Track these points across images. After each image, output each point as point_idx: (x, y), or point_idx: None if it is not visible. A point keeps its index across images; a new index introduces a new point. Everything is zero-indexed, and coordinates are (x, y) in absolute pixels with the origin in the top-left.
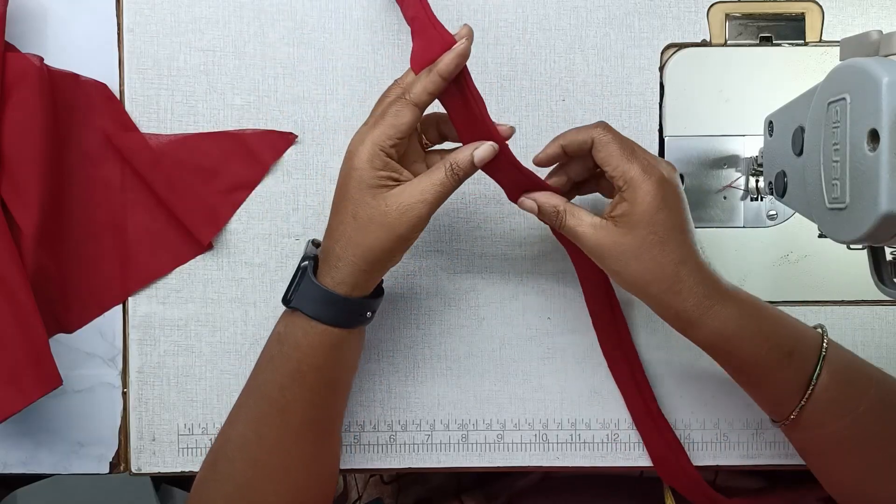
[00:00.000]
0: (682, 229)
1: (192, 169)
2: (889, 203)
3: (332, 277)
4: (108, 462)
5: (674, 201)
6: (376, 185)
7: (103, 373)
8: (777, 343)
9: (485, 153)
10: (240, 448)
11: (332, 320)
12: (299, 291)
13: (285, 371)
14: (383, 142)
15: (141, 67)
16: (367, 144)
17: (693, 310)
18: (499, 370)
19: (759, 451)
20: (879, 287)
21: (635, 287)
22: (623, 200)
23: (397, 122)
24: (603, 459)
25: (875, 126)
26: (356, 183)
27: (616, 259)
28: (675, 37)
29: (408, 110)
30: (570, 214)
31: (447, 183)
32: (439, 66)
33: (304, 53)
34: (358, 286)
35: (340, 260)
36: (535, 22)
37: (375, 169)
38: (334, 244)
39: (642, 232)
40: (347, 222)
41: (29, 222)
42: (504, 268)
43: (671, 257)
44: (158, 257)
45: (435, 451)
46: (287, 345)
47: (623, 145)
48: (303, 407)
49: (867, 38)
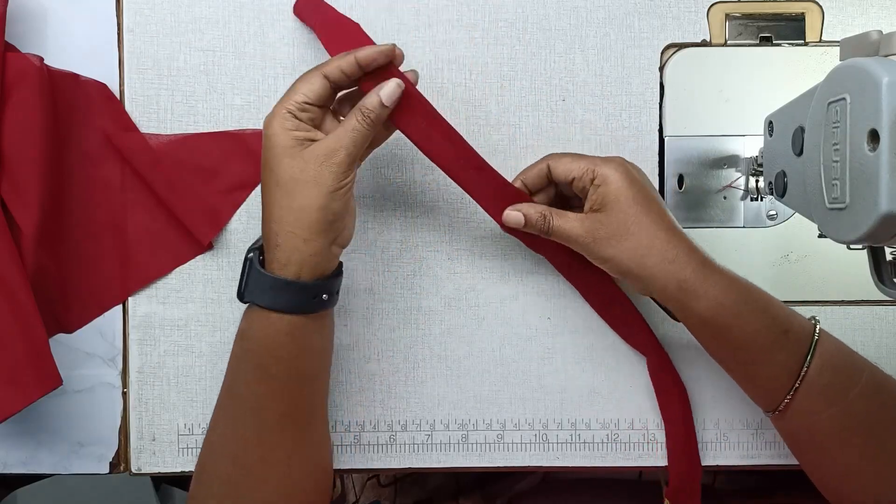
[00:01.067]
0: (656, 201)
1: (192, 169)
2: (889, 203)
3: (276, 260)
4: (108, 462)
5: (640, 177)
6: (291, 146)
7: (103, 373)
8: (775, 318)
9: (391, 90)
10: (221, 449)
11: (286, 307)
12: (249, 284)
13: (249, 367)
14: (291, 105)
15: (141, 67)
16: (276, 110)
17: (693, 278)
18: (499, 370)
19: (759, 451)
20: (879, 287)
21: (633, 264)
22: (597, 188)
23: (305, 87)
24: (603, 459)
25: (875, 126)
26: (272, 150)
27: (608, 241)
28: (675, 37)
29: (318, 79)
30: (557, 215)
31: (359, 127)
32: (359, 52)
33: (304, 53)
34: (305, 264)
35: (279, 235)
36: (535, 22)
37: (287, 130)
38: (269, 222)
39: (624, 207)
40: (273, 191)
41: (29, 222)
42: (504, 268)
43: (658, 225)
44: (158, 257)
45: (435, 452)
46: (248, 340)
47: (574, 154)
48: (273, 401)
49: (867, 38)
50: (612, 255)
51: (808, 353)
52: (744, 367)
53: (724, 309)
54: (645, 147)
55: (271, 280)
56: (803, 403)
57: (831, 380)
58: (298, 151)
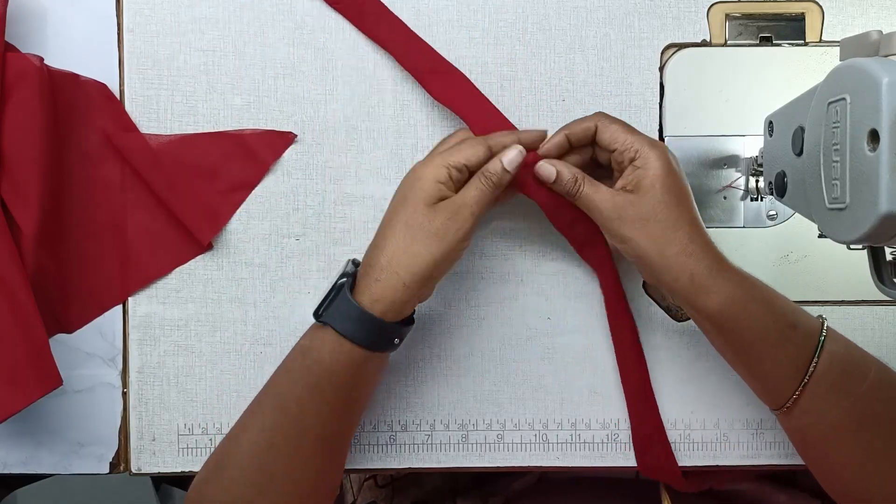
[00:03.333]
0: (689, 195)
1: (191, 169)
2: (889, 203)
3: (370, 294)
4: (108, 462)
5: (679, 169)
6: (434, 197)
7: (103, 373)
8: (782, 313)
9: (512, 157)
10: (250, 454)
11: (361, 340)
12: (332, 307)
13: (305, 385)
14: (452, 162)
15: (141, 67)
16: (434, 161)
17: (707, 273)
18: (499, 370)
19: (759, 451)
20: (879, 287)
21: (651, 251)
22: (636, 168)
23: (470, 153)
24: (603, 459)
25: (875, 126)
26: (416, 193)
27: (632, 223)
28: (675, 37)
29: (482, 148)
30: (589, 182)
31: (483, 188)
32: (523, 135)
33: (304, 53)
34: (394, 306)
35: (384, 271)
36: (535, 22)
37: (438, 182)
38: (380, 254)
39: (658, 193)
40: (398, 229)
41: (29, 222)
42: (504, 268)
43: (686, 217)
44: (158, 257)
45: (435, 452)
46: (310, 358)
47: (624, 124)
48: (319, 423)
49: (867, 38)
50: (633, 236)
51: (815, 350)
52: (751, 365)
53: (733, 304)
54: None
55: (357, 311)
56: (810, 401)
57: (839, 377)
58: (436, 205)
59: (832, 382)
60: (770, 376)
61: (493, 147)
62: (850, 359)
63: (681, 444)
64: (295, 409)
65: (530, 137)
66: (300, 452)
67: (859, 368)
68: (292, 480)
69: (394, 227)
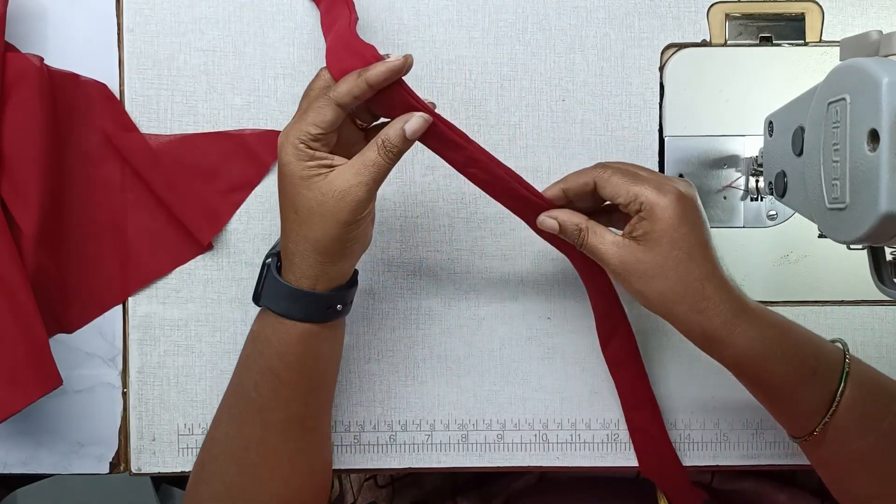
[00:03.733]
0: (704, 245)
1: (191, 169)
2: (889, 203)
3: (293, 273)
4: (108, 462)
5: (694, 217)
6: (308, 177)
7: (103, 373)
8: (802, 361)
9: (416, 125)
10: (224, 447)
11: (300, 316)
12: (266, 289)
13: (259, 369)
14: (304, 136)
15: (141, 67)
16: (290, 139)
17: (720, 328)
18: (499, 370)
19: (759, 451)
20: (879, 287)
21: (660, 307)
22: (642, 220)
23: (318, 118)
24: (603, 459)
25: (875, 126)
26: (288, 178)
27: (640, 278)
28: (675, 37)
29: (329, 108)
30: (593, 233)
31: (381, 162)
32: (369, 73)
33: (304, 53)
34: (321, 278)
35: (295, 255)
36: (535, 22)
37: (301, 161)
38: (286, 241)
39: (665, 249)
40: (291, 218)
41: (29, 222)
42: (504, 268)
43: (696, 274)
44: (158, 257)
45: (435, 451)
46: (260, 342)
47: (626, 174)
48: (281, 404)
49: (867, 38)
50: (641, 290)
51: (838, 386)
52: (772, 404)
53: (749, 358)
54: (645, 147)
55: (287, 289)
56: (834, 433)
57: (863, 409)
58: (315, 183)
59: (856, 416)
60: (791, 414)
61: (340, 101)
62: (874, 390)
63: (681, 444)
64: (255, 395)
65: (392, 69)
66: (269, 437)
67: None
68: (267, 466)
69: (287, 215)
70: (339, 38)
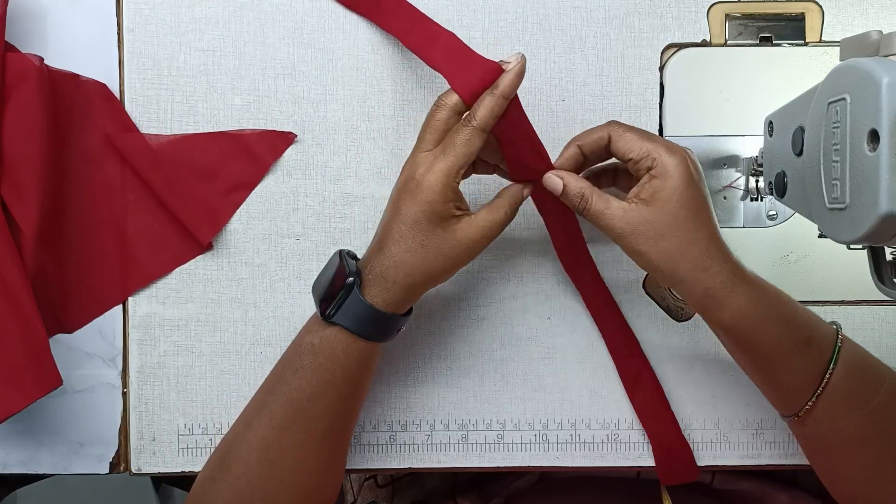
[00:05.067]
0: (707, 208)
1: (191, 169)
2: (889, 203)
3: (382, 298)
4: (108, 462)
5: (699, 178)
6: (448, 218)
7: (103, 373)
8: (797, 328)
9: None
10: (258, 450)
11: (377, 337)
12: (345, 308)
13: (318, 381)
14: (456, 172)
15: (141, 67)
16: (438, 174)
17: (721, 287)
18: (499, 370)
19: (759, 451)
20: (879, 287)
21: (665, 266)
22: (653, 178)
23: (469, 150)
24: (603, 459)
25: (875, 126)
26: (429, 215)
27: (647, 239)
28: (675, 37)
29: (477, 137)
30: (598, 197)
31: (506, 221)
32: (501, 87)
33: (304, 53)
34: (405, 304)
35: (395, 283)
36: (535, 22)
37: (448, 201)
38: (391, 268)
39: (674, 207)
40: (415, 251)
41: (29, 222)
42: (504, 268)
43: (703, 232)
44: (158, 257)
45: (435, 452)
46: (322, 356)
47: (639, 132)
48: (329, 416)
49: (867, 38)
50: (647, 251)
51: (830, 361)
52: (764, 374)
53: (746, 319)
54: None
55: (371, 311)
56: (824, 410)
57: (853, 387)
58: (451, 225)
59: (845, 394)
60: (783, 386)
61: (485, 126)
62: (865, 370)
63: None
64: (307, 404)
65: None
66: (309, 446)
67: (873, 380)
68: (300, 473)
69: (409, 246)
70: (454, 56)
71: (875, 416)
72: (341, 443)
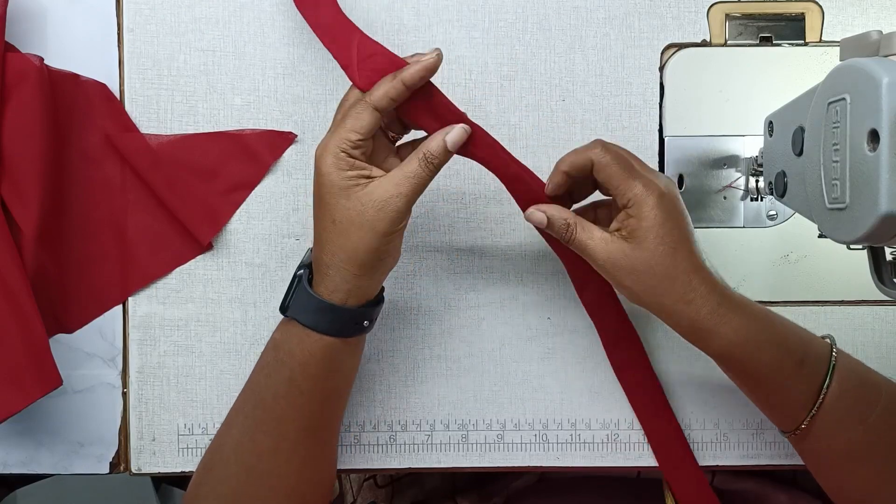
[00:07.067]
0: (688, 239)
1: (191, 169)
2: (889, 203)
3: (325, 286)
4: (108, 462)
5: (676, 213)
6: (347, 187)
7: (103, 373)
8: (788, 351)
9: (457, 136)
10: (235, 452)
11: (327, 330)
12: (295, 300)
13: (280, 379)
14: (344, 144)
15: (141, 67)
16: (329, 149)
17: (707, 318)
18: (499, 370)
19: (759, 451)
20: (879, 287)
21: (648, 300)
22: (629, 217)
23: (356, 124)
24: (603, 459)
25: (875, 126)
26: (327, 188)
27: (629, 273)
28: (675, 37)
29: (367, 112)
30: (581, 228)
31: (421, 173)
32: (404, 74)
33: (304, 53)
34: (353, 293)
35: (330, 267)
36: (535, 22)
37: (342, 171)
38: (321, 253)
39: (652, 244)
40: (328, 228)
41: (29, 222)
42: (504, 268)
43: (683, 267)
44: (158, 257)
45: (435, 452)
46: (282, 352)
47: (622, 164)
48: (298, 415)
49: (867, 39)
50: (629, 285)
51: (825, 379)
52: (760, 396)
53: (736, 347)
54: (645, 147)
55: (318, 302)
56: (822, 426)
57: (850, 403)
58: (355, 193)
59: (843, 409)
60: (779, 406)
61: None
62: (861, 385)
63: None
64: (272, 404)
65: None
66: (282, 446)
67: (870, 394)
68: (277, 475)
69: (324, 225)
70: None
71: (876, 429)
72: (320, 442)
